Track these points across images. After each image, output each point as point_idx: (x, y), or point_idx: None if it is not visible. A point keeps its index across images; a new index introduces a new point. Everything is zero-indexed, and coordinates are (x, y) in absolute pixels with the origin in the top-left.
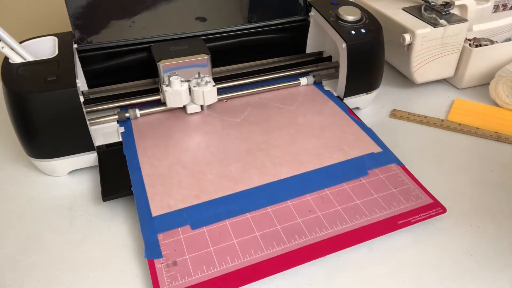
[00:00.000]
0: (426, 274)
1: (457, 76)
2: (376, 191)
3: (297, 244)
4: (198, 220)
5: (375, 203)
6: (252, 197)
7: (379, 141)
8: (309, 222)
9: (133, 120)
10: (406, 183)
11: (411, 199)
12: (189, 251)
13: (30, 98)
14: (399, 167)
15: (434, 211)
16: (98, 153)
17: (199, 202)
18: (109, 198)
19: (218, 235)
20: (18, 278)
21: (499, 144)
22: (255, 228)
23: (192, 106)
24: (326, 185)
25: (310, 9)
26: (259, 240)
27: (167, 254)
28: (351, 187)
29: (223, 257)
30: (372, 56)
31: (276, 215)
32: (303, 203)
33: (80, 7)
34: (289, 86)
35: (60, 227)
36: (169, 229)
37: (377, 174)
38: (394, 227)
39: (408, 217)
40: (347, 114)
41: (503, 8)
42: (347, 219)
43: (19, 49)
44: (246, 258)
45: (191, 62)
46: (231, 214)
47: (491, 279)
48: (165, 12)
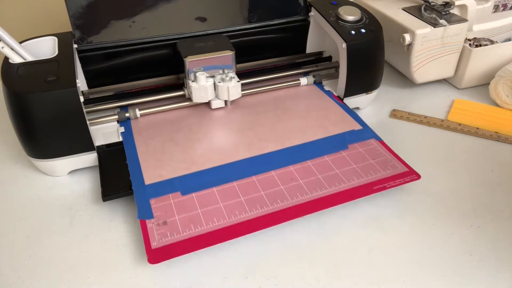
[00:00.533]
0: (426, 274)
1: (457, 76)
2: (355, 162)
3: (279, 206)
4: (187, 187)
5: (353, 172)
6: (239, 168)
7: (361, 120)
8: (291, 188)
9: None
10: (383, 155)
11: (387, 168)
12: (179, 213)
13: (30, 98)
14: (377, 142)
15: (409, 178)
16: (98, 153)
17: (189, 172)
18: (109, 198)
19: (206, 200)
20: (18, 278)
21: (499, 144)
22: (240, 194)
23: (217, 101)
24: (308, 157)
25: (310, 9)
26: (243, 204)
27: (158, 215)
28: (332, 159)
29: (210, 217)
30: (372, 56)
31: (260, 183)
32: (286, 173)
33: (80, 7)
34: (289, 86)
35: (60, 227)
36: (161, 195)
37: (357, 148)
38: (370, 191)
39: (384, 183)
40: (331, 98)
41: (503, 8)
42: (326, 185)
43: (19, 49)
44: (231, 218)
45: (216, 59)
46: (218, 182)
47: (491, 279)
48: (165, 12)
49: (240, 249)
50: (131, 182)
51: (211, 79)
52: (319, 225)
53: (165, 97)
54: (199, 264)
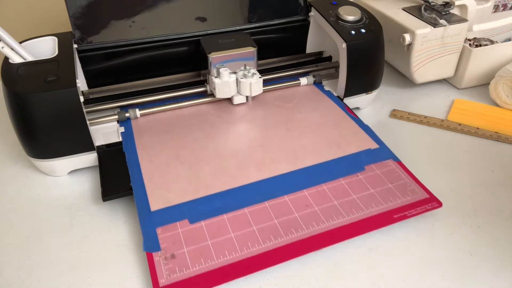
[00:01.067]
0: (426, 274)
1: (457, 76)
2: (373, 186)
3: (294, 237)
4: (196, 215)
5: (371, 198)
6: (249, 192)
7: (376, 137)
8: (306, 216)
9: (133, 120)
10: (402, 178)
11: (407, 193)
12: (187, 244)
13: (30, 98)
14: (395, 163)
15: (430, 206)
16: (98, 153)
17: (197, 197)
18: (109, 198)
19: (216, 229)
20: (18, 278)
21: (499, 144)
22: (252, 222)
23: (239, 97)
24: (323, 180)
25: (310, 9)
26: (256, 234)
27: (165, 247)
28: (348, 182)
29: (221, 250)
30: (372, 56)
31: (273, 210)
32: (300, 198)
33: (80, 7)
34: (289, 86)
35: (60, 227)
36: (168, 223)
37: (374, 170)
38: (390, 220)
39: (404, 211)
40: (344, 111)
41: (503, 8)
42: (343, 213)
43: (19, 49)
44: (244, 251)
45: (239, 55)
46: (229, 208)
47: (491, 279)
48: (165, 12)
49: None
50: (130, 181)
51: (233, 75)
52: None
53: (166, 97)
54: None
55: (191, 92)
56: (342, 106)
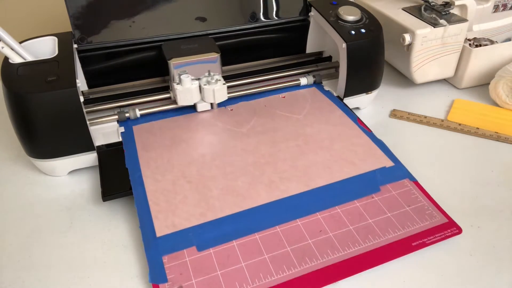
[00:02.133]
0: (426, 274)
1: (457, 76)
2: (389, 209)
3: (308, 268)
4: (204, 241)
5: (388, 223)
6: (260, 215)
7: (391, 154)
8: (320, 243)
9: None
10: (419, 200)
11: (425, 218)
12: (196, 275)
13: (30, 98)
14: (412, 183)
15: (450, 232)
16: (98, 153)
17: (205, 221)
18: (109, 198)
19: (226, 258)
20: (18, 278)
21: (499, 144)
22: (264, 250)
23: (202, 104)
24: (337, 202)
25: (310, 9)
26: (268, 263)
27: (173, 278)
28: (363, 205)
29: (231, 282)
30: (372, 56)
31: (285, 235)
32: (313, 222)
33: (80, 7)
34: (289, 86)
35: (60, 227)
36: (174, 250)
37: (390, 190)
38: (409, 249)
39: (423, 238)
40: (356, 124)
41: (503, 8)
42: (359, 240)
43: (19, 49)
44: (255, 283)
45: (202, 60)
46: (238, 234)
47: (491, 279)
48: (165, 12)
49: None
50: (130, 181)
51: (196, 82)
52: None
53: (165, 97)
54: None
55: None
56: (354, 118)
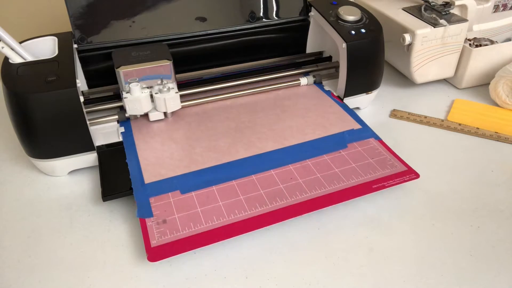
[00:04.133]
0: (426, 274)
1: (457, 76)
2: (354, 161)
3: (279, 205)
4: (187, 186)
5: (352, 171)
6: (238, 167)
7: (360, 119)
8: (290, 187)
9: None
10: (382, 154)
11: (386, 167)
12: (178, 211)
13: (30, 98)
14: (377, 141)
15: (408, 177)
16: (98, 153)
17: (189, 171)
18: (109, 198)
19: (206, 198)
20: (18, 278)
21: (499, 144)
22: (239, 193)
23: (155, 113)
24: (308, 156)
25: (310, 9)
26: (243, 202)
27: (158, 214)
28: (331, 158)
29: (209, 216)
30: (372, 56)
31: (260, 182)
32: (285, 172)
33: (80, 7)
34: (289, 86)
35: (60, 227)
36: (160, 193)
37: (356, 147)
38: (369, 190)
39: (383, 182)
40: (330, 97)
41: (503, 8)
42: (325, 184)
43: (19, 49)
44: (231, 217)
45: (153, 68)
46: (218, 181)
47: (491, 279)
48: (165, 12)
49: (241, 249)
50: (131, 181)
51: (147, 90)
52: (319, 225)
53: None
54: (199, 264)
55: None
56: (328, 93)
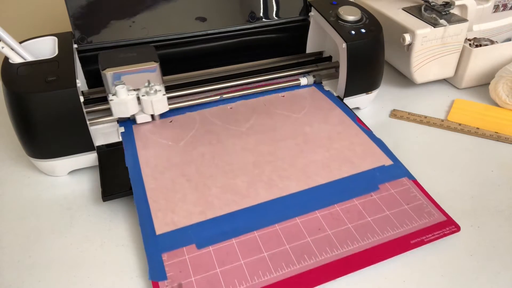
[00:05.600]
0: (426, 274)
1: (457, 76)
2: (388, 208)
3: (307, 266)
4: (203, 239)
5: (387, 221)
6: (259, 213)
7: (390, 152)
8: (319, 241)
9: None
10: (418, 198)
11: (423, 216)
12: (195, 272)
13: (30, 98)
14: (410, 181)
15: (448, 230)
16: (98, 153)
17: (205, 219)
18: (109, 198)
19: (225, 255)
20: (18, 278)
21: (499, 144)
22: (263, 248)
23: (142, 115)
24: (336, 200)
25: (310, 9)
26: (267, 261)
27: (172, 275)
28: (362, 203)
29: (231, 279)
30: (372, 56)
31: (284, 233)
32: (312, 220)
33: (80, 7)
34: (289, 86)
35: (60, 227)
36: (174, 248)
37: (388, 189)
38: (407, 246)
39: (421, 236)
40: (355, 123)
41: (503, 8)
42: (358, 238)
43: (19, 49)
44: (254, 280)
45: (139, 70)
46: (237, 232)
47: (491, 279)
48: (165, 12)
49: None
50: (130, 182)
51: (134, 93)
52: None
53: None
54: None
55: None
56: (353, 117)
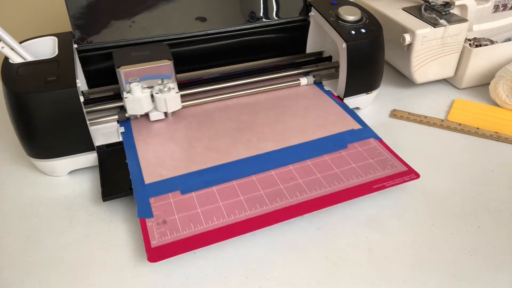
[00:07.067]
0: (426, 274)
1: (457, 76)
2: (354, 161)
3: (279, 205)
4: (187, 187)
5: (352, 171)
6: (238, 167)
7: (360, 119)
8: (291, 187)
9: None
10: (382, 154)
11: (387, 167)
12: (178, 211)
13: (30, 98)
14: (377, 141)
15: (408, 177)
16: (98, 153)
17: (189, 172)
18: (109, 198)
19: (206, 199)
20: (18, 278)
21: (499, 144)
22: (240, 193)
23: (155, 113)
24: (308, 156)
25: (310, 9)
26: (243, 203)
27: (158, 214)
28: (331, 159)
29: (210, 216)
30: (372, 56)
31: (260, 182)
32: (285, 172)
33: (80, 7)
34: (289, 86)
35: (60, 227)
36: (160, 194)
37: (356, 147)
38: (370, 190)
39: (383, 182)
40: (330, 97)
41: (503, 8)
42: (325, 184)
43: (19, 49)
44: (231, 217)
45: (153, 68)
46: (218, 181)
47: (491, 279)
48: (165, 12)
49: (240, 249)
50: (131, 182)
51: (147, 90)
52: (319, 225)
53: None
54: (199, 264)
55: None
56: (329, 93)
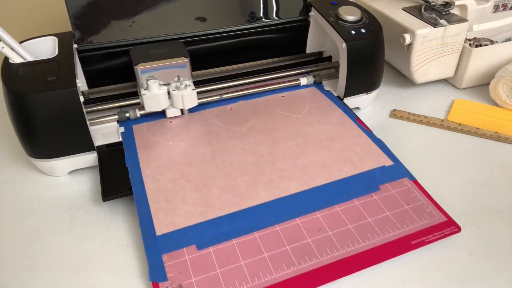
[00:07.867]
0: (426, 274)
1: (457, 76)
2: (388, 208)
3: (308, 267)
4: (204, 240)
5: (387, 221)
6: (259, 214)
7: (390, 153)
8: (319, 242)
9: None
10: (419, 199)
11: (424, 217)
12: (195, 273)
13: (30, 98)
14: (411, 182)
15: (449, 230)
16: (98, 153)
17: (205, 220)
18: (109, 198)
19: (225, 256)
20: (18, 278)
21: (499, 144)
22: (263, 249)
23: (172, 110)
24: (336, 201)
25: (310, 9)
26: (267, 262)
27: (172, 276)
28: (362, 204)
29: (231, 280)
30: (372, 56)
31: (284, 234)
32: (312, 220)
33: (80, 7)
34: (289, 86)
35: (60, 227)
36: (174, 249)
37: (389, 190)
38: (408, 247)
39: (422, 236)
40: (355, 124)
41: (503, 8)
42: (358, 238)
43: (19, 49)
44: (255, 281)
45: (170, 65)
46: (238, 232)
47: (491, 279)
48: (165, 12)
49: None
50: (130, 182)
51: (164, 87)
52: None
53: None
54: None
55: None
56: (353, 117)
